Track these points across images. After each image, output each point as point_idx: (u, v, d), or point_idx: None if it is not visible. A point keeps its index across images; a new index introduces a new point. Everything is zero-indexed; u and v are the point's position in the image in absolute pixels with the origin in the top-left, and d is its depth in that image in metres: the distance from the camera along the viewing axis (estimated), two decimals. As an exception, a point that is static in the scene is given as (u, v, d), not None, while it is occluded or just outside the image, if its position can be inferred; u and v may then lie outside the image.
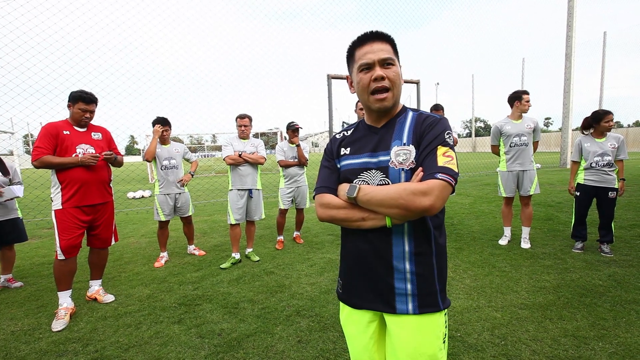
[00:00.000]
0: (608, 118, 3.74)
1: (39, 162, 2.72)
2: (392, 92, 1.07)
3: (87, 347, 2.39)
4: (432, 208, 0.94)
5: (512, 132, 4.15)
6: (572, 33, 13.76)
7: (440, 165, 0.97)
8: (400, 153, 1.04)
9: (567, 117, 14.37)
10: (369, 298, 1.11)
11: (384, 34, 1.09)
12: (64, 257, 2.80)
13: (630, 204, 6.13)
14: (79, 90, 2.89)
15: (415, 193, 0.94)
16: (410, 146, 1.04)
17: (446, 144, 1.02)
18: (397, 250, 1.06)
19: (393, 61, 1.07)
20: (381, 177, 1.06)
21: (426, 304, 1.06)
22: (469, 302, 2.80)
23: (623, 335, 2.26)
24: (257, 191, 4.18)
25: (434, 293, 1.07)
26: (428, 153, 1.01)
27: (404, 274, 1.06)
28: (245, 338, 2.42)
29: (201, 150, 27.99)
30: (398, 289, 1.06)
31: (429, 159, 1.00)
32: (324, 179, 1.17)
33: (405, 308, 1.06)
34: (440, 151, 1.00)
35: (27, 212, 7.96)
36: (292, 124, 4.53)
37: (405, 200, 0.95)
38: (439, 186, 0.94)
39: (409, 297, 1.06)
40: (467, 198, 7.87)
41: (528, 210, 4.22)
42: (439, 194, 0.94)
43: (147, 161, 4.10)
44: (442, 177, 0.95)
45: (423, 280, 1.06)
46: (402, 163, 1.04)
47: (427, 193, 0.93)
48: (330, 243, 4.72)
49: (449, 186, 0.96)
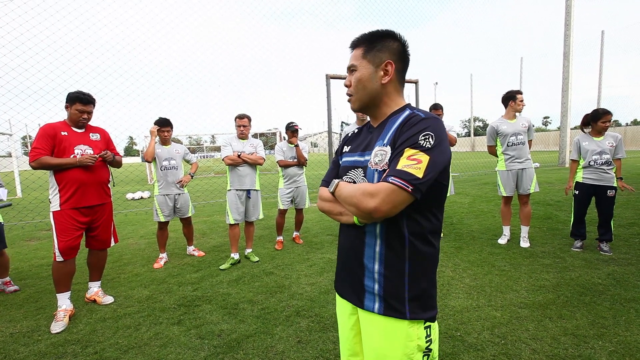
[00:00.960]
0: (606, 118, 3.76)
1: (37, 163, 2.71)
2: (356, 95, 1.12)
3: (87, 349, 2.38)
4: (377, 211, 0.92)
5: (508, 132, 4.17)
6: (570, 32, 13.78)
7: (398, 168, 0.93)
8: (378, 154, 1.04)
9: (566, 116, 14.40)
10: (347, 290, 1.17)
11: (355, 39, 1.14)
12: (62, 259, 2.79)
13: (629, 203, 6.14)
14: (77, 91, 2.88)
15: (364, 194, 0.95)
16: (387, 147, 1.02)
17: (417, 146, 0.95)
18: (369, 250, 1.07)
19: (355, 67, 1.11)
20: (362, 177, 1.08)
21: (391, 308, 1.04)
22: (468, 302, 2.80)
23: (623, 333, 2.26)
24: (255, 192, 4.18)
25: (401, 299, 1.03)
26: (395, 155, 0.98)
27: (372, 274, 1.07)
28: (245, 339, 2.42)
29: (200, 151, 27.98)
30: (367, 287, 1.09)
31: (393, 161, 0.97)
32: (327, 174, 1.26)
33: (372, 306, 1.08)
34: (406, 154, 0.95)
35: (26, 214, 7.94)
36: (291, 125, 4.53)
37: (357, 199, 0.97)
38: (386, 189, 0.91)
39: (375, 296, 1.07)
40: (466, 197, 7.88)
41: (527, 209, 4.23)
42: (385, 197, 0.91)
43: (147, 162, 4.10)
44: (393, 181, 0.91)
45: (389, 283, 1.04)
46: (377, 164, 1.03)
47: (374, 195, 0.93)
48: (330, 243, 4.72)
49: (399, 190, 0.91)
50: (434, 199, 1.03)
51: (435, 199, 1.03)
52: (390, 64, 1.09)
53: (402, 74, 1.14)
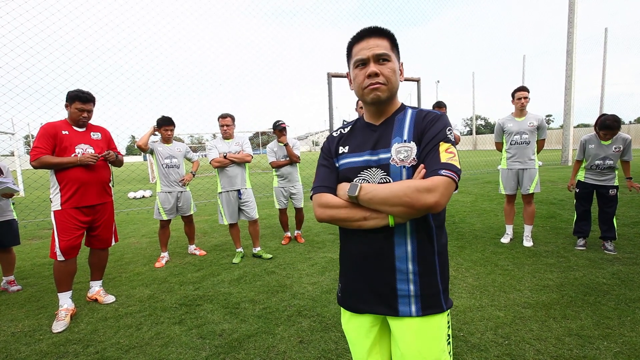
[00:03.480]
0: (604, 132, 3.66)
1: (38, 163, 2.70)
2: (388, 85, 1.04)
3: (88, 349, 2.37)
4: (438, 205, 0.92)
5: (513, 130, 4.13)
6: (574, 29, 13.68)
7: (443, 161, 0.96)
8: (402, 150, 1.02)
9: (569, 115, 14.31)
10: (370, 301, 1.08)
11: (381, 29, 1.06)
12: (63, 258, 2.78)
13: (633, 201, 6.09)
14: (76, 89, 2.86)
15: (419, 190, 0.92)
16: (411, 143, 1.02)
17: (448, 140, 1.00)
18: (400, 251, 1.04)
19: (388, 57, 1.04)
20: (382, 175, 1.04)
21: (429, 305, 1.04)
22: (471, 301, 2.78)
23: (628, 334, 2.24)
24: (246, 190, 4.16)
25: (437, 294, 1.06)
26: (430, 150, 0.99)
27: (406, 275, 1.04)
28: (246, 338, 2.41)
29: (201, 149, 28.01)
30: (400, 291, 1.04)
31: (431, 155, 0.98)
32: (322, 178, 1.13)
33: (408, 310, 1.04)
34: (443, 147, 0.98)
35: (28, 213, 7.96)
36: (277, 124, 4.48)
37: (410, 197, 0.92)
38: (443, 183, 0.93)
39: (411, 298, 1.04)
40: (468, 196, 7.84)
41: (530, 208, 4.20)
42: (444, 190, 0.92)
43: (140, 148, 4.07)
44: (446, 174, 0.94)
45: (426, 281, 1.04)
46: (404, 160, 1.01)
47: (432, 190, 0.92)
48: (332, 242, 4.70)
49: (452, 182, 0.94)
50: None
51: None
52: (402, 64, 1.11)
53: None
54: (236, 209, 4.13)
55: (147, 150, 4.09)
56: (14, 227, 3.56)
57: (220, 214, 4.13)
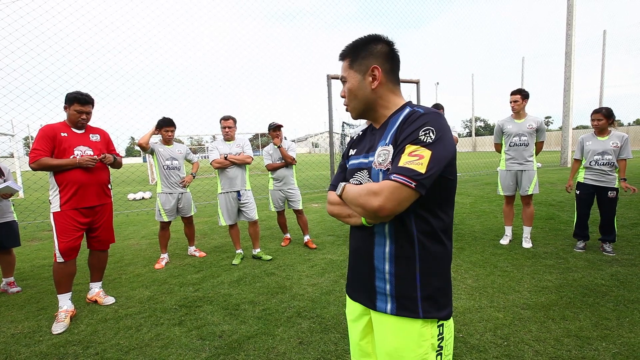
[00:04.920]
0: (594, 117, 3.79)
1: (37, 164, 2.71)
2: (351, 105, 1.14)
3: (88, 350, 2.38)
4: (382, 209, 0.92)
5: (512, 132, 4.15)
6: (572, 32, 13.74)
7: (400, 165, 0.93)
8: (381, 153, 1.03)
9: (568, 116, 14.35)
10: (358, 292, 1.17)
11: (342, 51, 1.15)
12: (63, 260, 2.78)
13: (632, 203, 6.11)
14: (75, 91, 2.87)
15: (368, 193, 0.95)
16: (389, 146, 1.02)
17: (418, 142, 0.94)
18: (379, 250, 1.07)
19: (345, 78, 1.13)
20: (367, 178, 1.08)
21: (403, 308, 1.03)
22: (470, 303, 2.79)
23: (627, 335, 2.25)
24: (246, 192, 4.17)
25: (412, 298, 1.03)
26: (397, 152, 0.97)
27: (383, 274, 1.07)
28: (246, 340, 2.41)
29: (201, 151, 28.02)
30: (378, 287, 1.08)
31: (395, 159, 0.97)
32: (335, 177, 1.26)
33: (384, 307, 1.07)
34: (408, 150, 0.94)
35: (28, 215, 7.95)
36: (271, 124, 4.47)
37: (363, 199, 0.97)
38: (388, 187, 0.91)
39: (387, 297, 1.06)
40: (467, 197, 7.86)
41: (529, 210, 4.21)
42: (389, 195, 0.91)
43: (140, 147, 4.08)
44: (395, 178, 0.91)
45: (401, 283, 1.04)
46: (381, 164, 1.02)
47: (378, 194, 0.92)
48: (331, 244, 4.71)
49: (402, 187, 0.90)
50: (441, 195, 1.02)
51: (442, 195, 1.02)
52: (377, 68, 1.07)
53: (393, 74, 1.12)
54: (235, 211, 4.15)
55: (147, 150, 4.09)
56: (14, 229, 3.56)
57: (219, 215, 4.14)
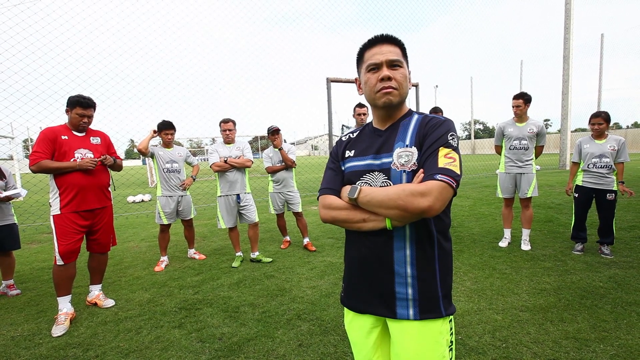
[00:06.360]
0: (594, 121, 3.82)
1: (37, 167, 2.72)
2: (399, 90, 1.08)
3: (88, 352, 2.38)
4: (431, 209, 0.93)
5: (513, 135, 4.18)
6: (570, 35, 13.83)
7: (440, 166, 0.96)
8: (403, 155, 1.05)
9: (566, 119, 14.41)
10: (371, 302, 1.11)
11: (393, 37, 1.11)
12: (62, 263, 2.79)
13: (630, 205, 6.13)
14: (77, 95, 2.89)
15: (413, 194, 0.93)
16: (413, 148, 1.04)
17: (449, 146, 1.01)
18: (399, 254, 1.05)
19: (401, 63, 1.08)
20: (383, 179, 1.06)
21: (427, 310, 1.04)
22: (469, 305, 2.80)
23: (624, 337, 2.26)
24: (246, 195, 4.18)
25: (435, 298, 1.05)
26: (430, 154, 1.00)
27: (405, 278, 1.05)
28: (246, 342, 2.42)
29: (201, 154, 28.06)
30: (399, 294, 1.05)
31: (430, 160, 0.99)
32: (328, 181, 1.18)
33: (406, 313, 1.05)
34: (442, 152, 0.99)
35: (27, 217, 7.95)
36: (270, 128, 4.50)
37: (403, 201, 0.94)
38: (437, 187, 0.93)
39: (409, 301, 1.05)
40: (467, 200, 7.88)
41: (528, 212, 4.23)
42: (438, 195, 0.93)
43: (139, 151, 4.09)
44: (441, 178, 0.94)
45: (424, 285, 1.05)
46: (404, 165, 1.03)
47: (426, 194, 0.92)
48: (331, 246, 4.72)
49: (448, 187, 0.94)
50: None
51: None
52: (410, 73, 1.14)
53: None
54: (234, 213, 4.16)
55: (147, 154, 4.11)
56: (14, 231, 3.57)
57: (218, 217, 4.15)
